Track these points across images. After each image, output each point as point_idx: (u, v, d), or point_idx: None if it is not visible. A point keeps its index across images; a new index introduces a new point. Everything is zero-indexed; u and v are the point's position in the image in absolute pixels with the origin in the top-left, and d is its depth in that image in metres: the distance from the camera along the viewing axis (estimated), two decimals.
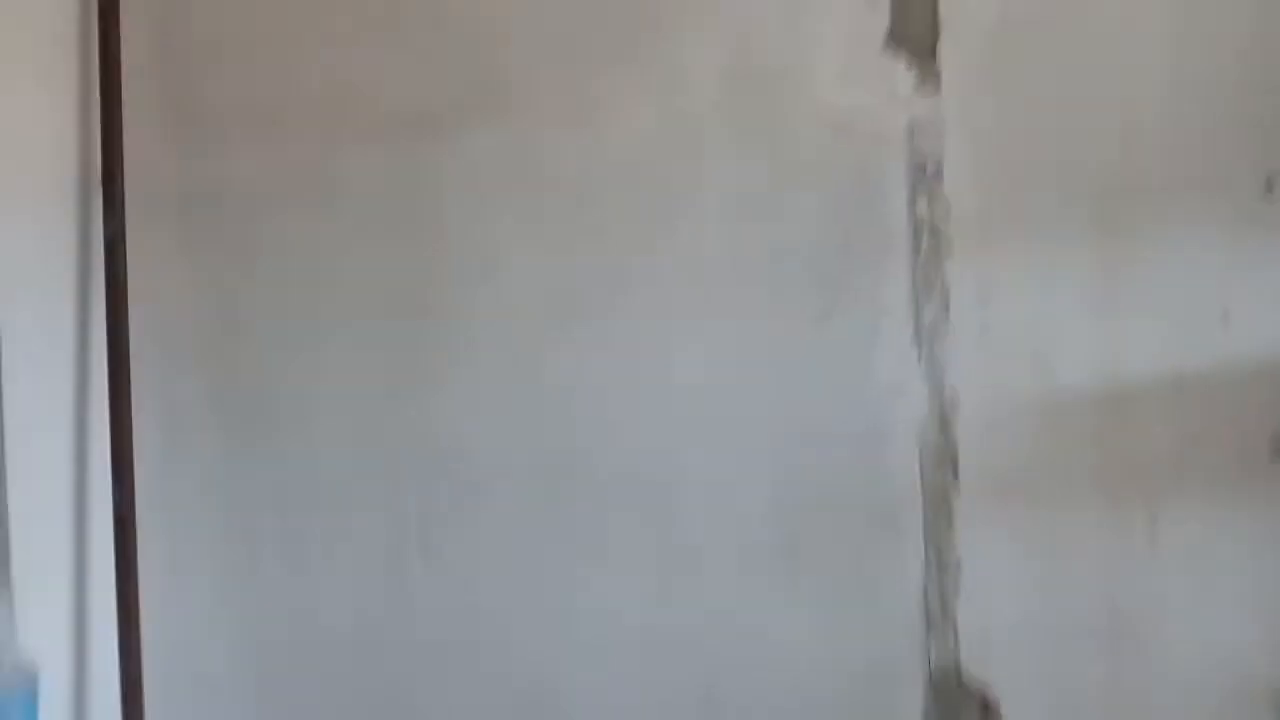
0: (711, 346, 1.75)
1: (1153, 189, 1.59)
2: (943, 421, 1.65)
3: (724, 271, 1.73)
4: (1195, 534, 1.59)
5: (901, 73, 1.66)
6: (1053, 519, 1.63)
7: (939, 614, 1.67)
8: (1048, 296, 1.62)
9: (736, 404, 1.74)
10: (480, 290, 1.82)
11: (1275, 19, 1.55)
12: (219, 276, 1.92)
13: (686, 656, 1.77)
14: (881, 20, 1.66)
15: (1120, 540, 1.61)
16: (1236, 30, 1.56)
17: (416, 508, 1.85)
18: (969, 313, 1.64)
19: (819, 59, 1.69)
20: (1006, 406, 1.63)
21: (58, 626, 1.82)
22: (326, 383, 1.89)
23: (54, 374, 1.81)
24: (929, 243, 1.65)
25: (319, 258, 1.88)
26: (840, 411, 1.70)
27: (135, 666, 1.80)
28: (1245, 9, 1.56)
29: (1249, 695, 1.58)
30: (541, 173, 1.80)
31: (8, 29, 1.70)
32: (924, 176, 1.66)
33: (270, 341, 1.90)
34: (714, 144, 1.73)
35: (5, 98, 1.69)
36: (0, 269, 1.66)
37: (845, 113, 1.67)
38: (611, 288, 1.78)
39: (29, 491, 1.68)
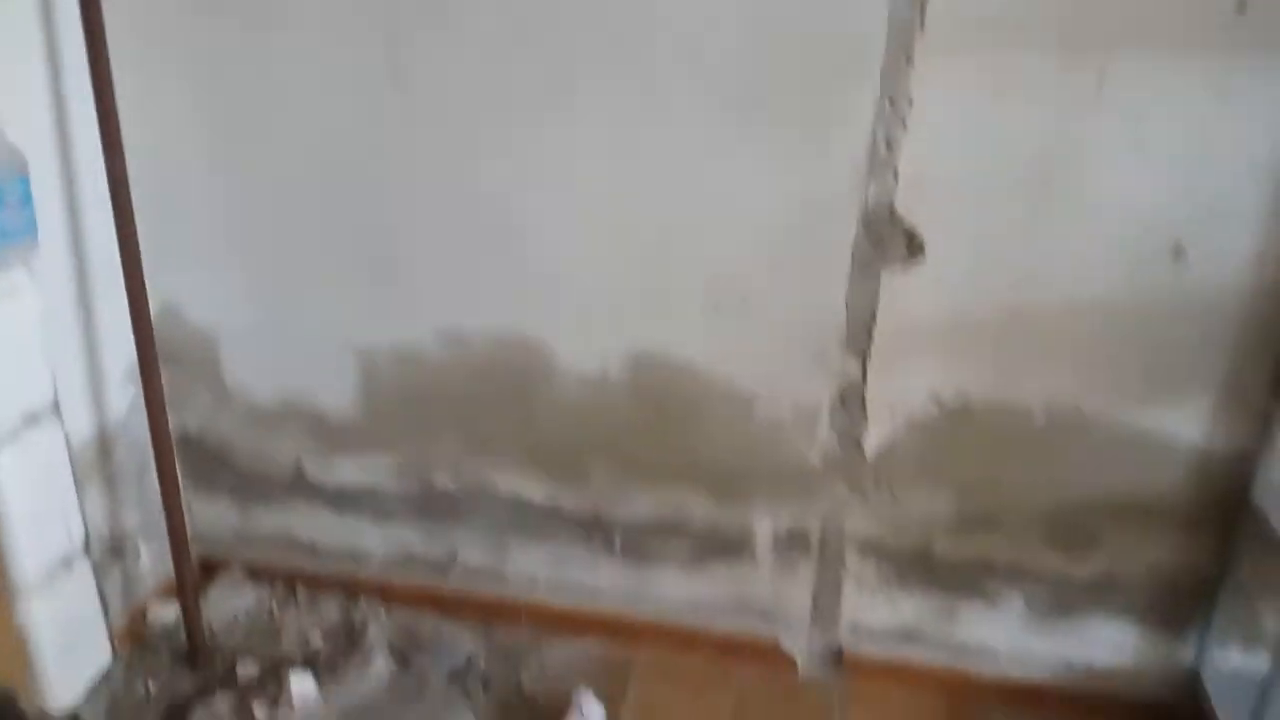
0: None
1: None
2: None
3: None
4: (1142, 91, 1.62)
5: None
6: (1007, 66, 1.64)
7: (884, 155, 1.74)
8: None
9: None
10: None
11: None
12: None
13: (649, 188, 1.85)
14: None
15: (1068, 91, 1.64)
16: None
17: (384, 26, 1.82)
18: None
19: None
20: None
21: (41, 127, 1.86)
22: None
23: None
24: None
25: None
26: None
27: (118, 164, 1.84)
28: None
29: (1151, 239, 1.70)
30: None
31: None
32: None
33: None
34: None
35: None
36: None
37: None
38: None
39: None
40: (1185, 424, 1.81)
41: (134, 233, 1.90)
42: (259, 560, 2.40)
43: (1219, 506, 1.85)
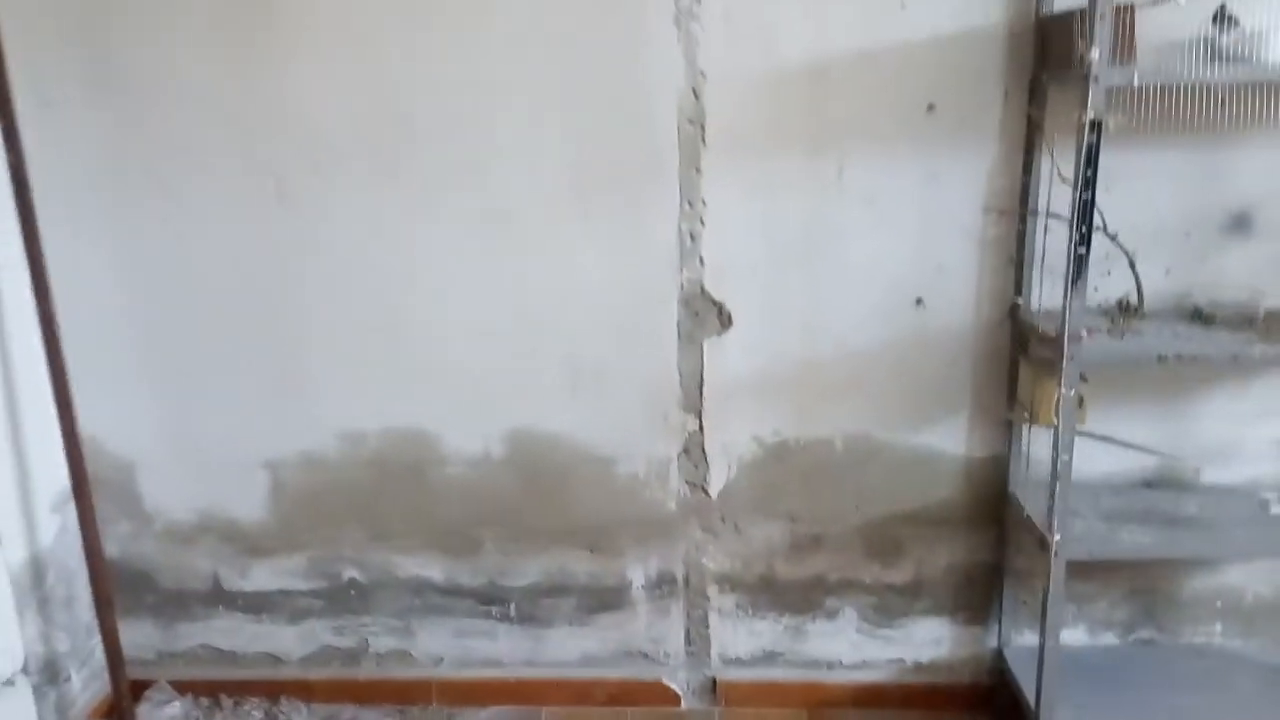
0: (512, 45, 2.13)
1: None
2: (695, 91, 2.13)
3: None
4: (870, 177, 2.16)
5: None
6: (772, 167, 2.16)
7: (690, 245, 2.21)
8: None
9: (534, 83, 2.15)
10: None
11: None
12: None
13: (507, 287, 2.27)
14: None
15: (818, 183, 2.16)
16: None
17: (273, 168, 2.23)
18: (715, 2, 2.08)
19: None
20: (741, 80, 2.12)
21: None
22: (185, 59, 2.18)
23: None
24: None
25: None
26: (618, 86, 2.15)
27: (48, 307, 2.17)
28: None
29: (898, 294, 2.21)
30: None
31: None
32: None
33: (133, 21, 2.17)
34: None
35: None
36: None
37: None
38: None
39: None
40: (949, 439, 2.28)
41: (64, 368, 2.20)
42: (183, 675, 2.59)
43: (987, 504, 2.31)
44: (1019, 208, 2.14)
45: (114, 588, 2.41)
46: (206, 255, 2.29)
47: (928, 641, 2.41)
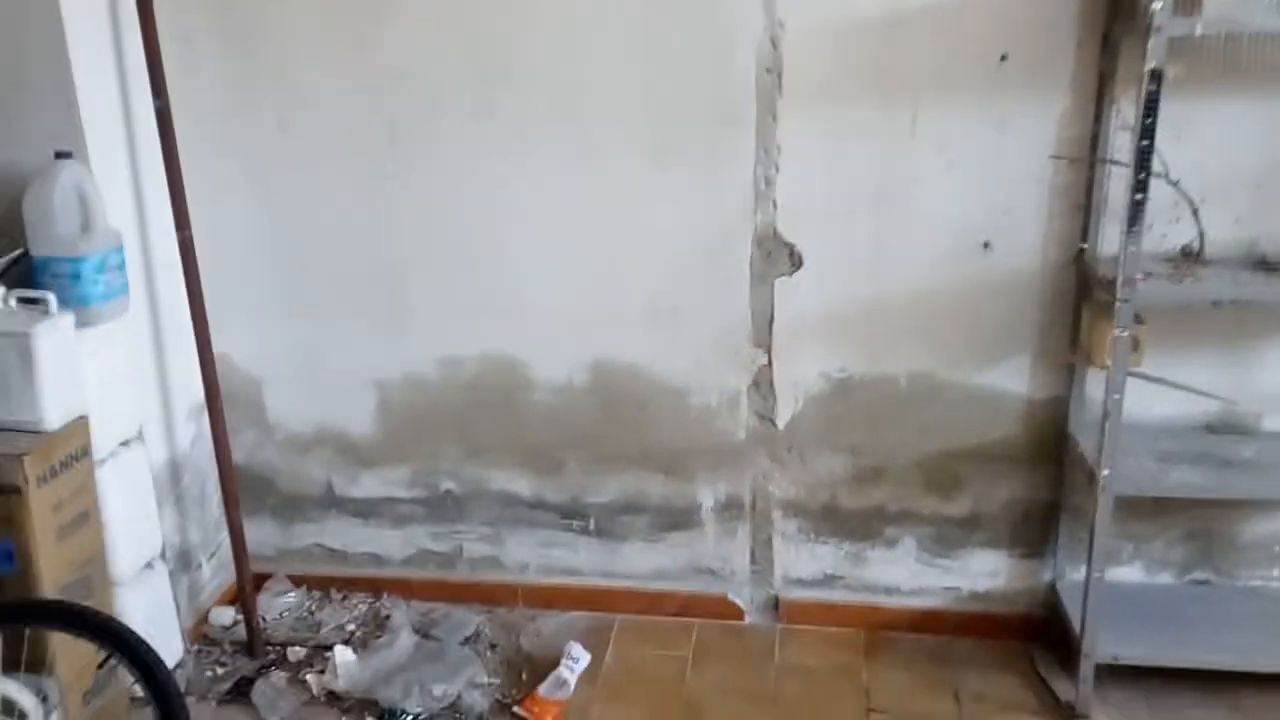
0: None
1: None
2: (773, 40, 2.24)
3: None
4: (942, 125, 2.24)
5: None
6: (846, 115, 2.26)
7: (764, 189, 2.34)
8: None
9: (619, 35, 2.29)
10: None
11: None
12: None
13: (591, 226, 2.44)
14: None
15: (891, 131, 2.25)
16: None
17: (385, 113, 2.43)
18: None
19: None
20: (818, 30, 2.22)
21: (127, 211, 2.42)
22: (308, 20, 2.39)
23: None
24: None
25: None
26: (699, 36, 2.27)
27: (186, 231, 2.42)
28: None
29: (967, 238, 2.30)
30: None
31: None
32: None
33: None
34: None
35: None
36: None
37: None
38: None
39: (90, 100, 2.25)
40: (1011, 380, 2.37)
41: (200, 293, 2.46)
42: (298, 570, 2.88)
43: (1047, 444, 2.39)
44: (1089, 155, 2.19)
45: (240, 489, 2.70)
46: (327, 192, 2.51)
47: (984, 573, 2.53)
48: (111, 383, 2.32)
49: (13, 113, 2.20)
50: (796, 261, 2.37)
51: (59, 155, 2.13)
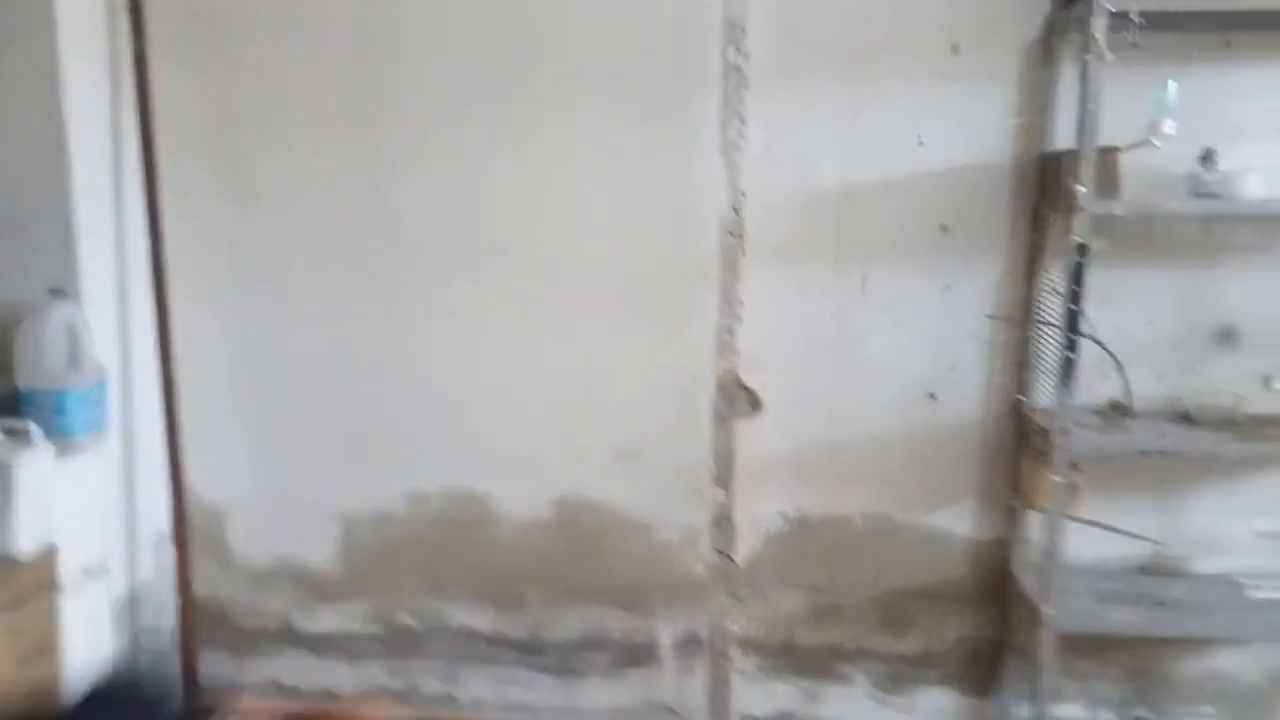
0: (584, 168, 2.46)
1: (879, 53, 2.34)
2: (735, 208, 2.43)
3: (589, 96, 2.44)
4: (890, 286, 2.44)
5: None
6: (803, 274, 2.45)
7: (727, 339, 2.49)
8: (810, 124, 2.38)
9: (600, 201, 2.47)
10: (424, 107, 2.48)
11: None
12: (220, 87, 2.53)
13: (561, 370, 2.56)
14: None
15: (844, 289, 2.45)
16: None
17: (367, 263, 2.56)
18: (758, 134, 2.40)
19: None
20: (779, 199, 2.43)
21: (111, 342, 2.49)
22: (304, 170, 2.53)
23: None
24: (734, 80, 2.38)
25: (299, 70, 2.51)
26: (670, 203, 2.46)
27: (169, 368, 2.50)
28: None
29: (914, 388, 2.47)
30: None
31: None
32: (734, 31, 2.37)
33: (262, 135, 2.54)
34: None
35: None
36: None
37: None
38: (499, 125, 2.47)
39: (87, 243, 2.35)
40: (958, 522, 2.51)
41: (178, 428, 2.51)
42: (249, 704, 2.83)
43: (992, 583, 2.52)
44: (1024, 316, 2.39)
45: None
46: (299, 329, 2.61)
47: (933, 710, 2.61)
48: (82, 512, 2.33)
49: (15, 253, 2.29)
50: (756, 405, 2.51)
51: (53, 292, 2.21)
